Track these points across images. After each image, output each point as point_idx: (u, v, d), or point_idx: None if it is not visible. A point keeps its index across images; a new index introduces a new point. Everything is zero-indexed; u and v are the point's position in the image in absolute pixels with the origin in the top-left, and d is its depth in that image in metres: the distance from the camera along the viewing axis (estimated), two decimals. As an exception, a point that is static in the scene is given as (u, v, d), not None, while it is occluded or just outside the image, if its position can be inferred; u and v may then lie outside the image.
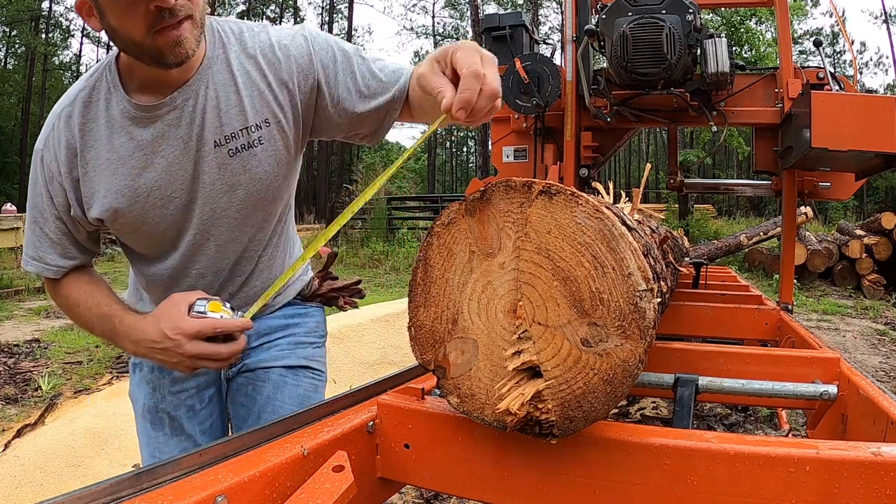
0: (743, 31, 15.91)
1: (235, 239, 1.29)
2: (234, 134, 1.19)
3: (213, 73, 1.17)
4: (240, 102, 1.18)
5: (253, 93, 1.19)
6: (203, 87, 1.17)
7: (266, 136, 1.21)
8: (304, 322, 1.49)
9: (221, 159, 1.20)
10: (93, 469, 3.04)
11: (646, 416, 3.68)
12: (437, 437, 0.94)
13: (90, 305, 1.23)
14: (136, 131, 1.16)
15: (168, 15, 1.00)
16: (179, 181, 1.20)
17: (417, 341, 0.89)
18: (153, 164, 1.18)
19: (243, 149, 1.20)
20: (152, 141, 1.16)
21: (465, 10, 35.18)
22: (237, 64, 1.19)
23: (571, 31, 3.01)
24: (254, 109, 1.20)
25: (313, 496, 0.77)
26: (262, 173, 1.24)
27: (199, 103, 1.16)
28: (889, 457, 0.74)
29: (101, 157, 1.17)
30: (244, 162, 1.21)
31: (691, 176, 5.04)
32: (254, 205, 1.27)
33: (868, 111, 1.93)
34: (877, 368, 4.92)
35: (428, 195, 29.15)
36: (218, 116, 1.18)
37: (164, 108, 1.15)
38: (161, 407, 1.40)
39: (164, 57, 1.05)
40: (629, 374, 0.74)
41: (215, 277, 1.31)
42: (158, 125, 1.16)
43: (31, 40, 29.63)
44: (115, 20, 1.02)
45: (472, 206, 0.83)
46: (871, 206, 28.28)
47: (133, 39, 1.03)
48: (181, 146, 1.17)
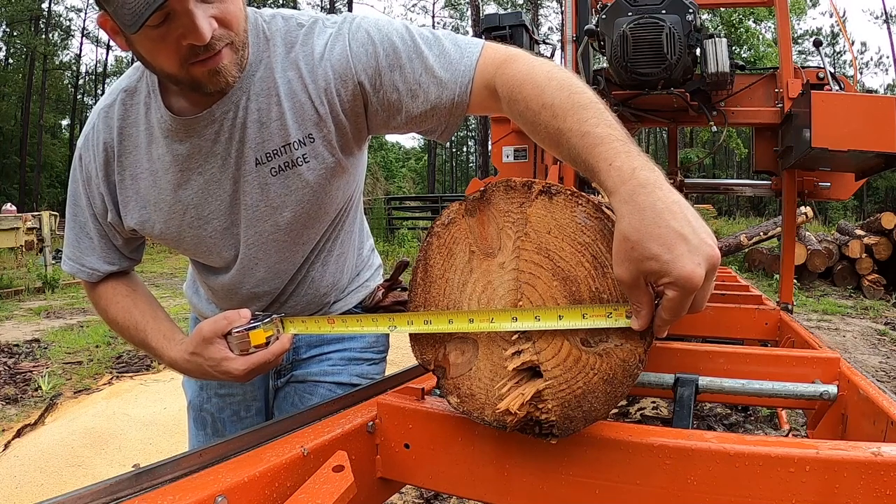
0: (742, 30, 15.91)
1: (287, 259, 1.18)
2: (275, 151, 1.06)
3: (256, 81, 1.04)
4: (281, 116, 1.04)
5: (295, 105, 1.05)
6: (244, 98, 1.04)
7: (311, 153, 1.07)
8: (362, 336, 1.37)
9: (263, 179, 1.07)
10: (93, 469, 3.04)
11: (646, 416, 3.68)
12: (437, 437, 0.94)
13: (128, 326, 1.18)
14: (173, 145, 1.06)
15: (203, 51, 0.90)
16: (217, 202, 1.09)
17: (417, 341, 0.88)
18: (189, 181, 1.08)
19: (287, 167, 1.07)
20: (188, 156, 1.06)
21: (465, 10, 35.21)
22: (280, 71, 1.05)
23: (571, 31, 3.01)
24: (296, 124, 1.05)
25: (313, 496, 0.77)
26: (309, 193, 1.10)
27: (238, 117, 1.04)
28: (889, 457, 0.73)
29: (140, 166, 1.09)
30: (288, 181, 1.08)
31: (691, 176, 5.04)
32: (304, 224, 1.14)
33: (868, 111, 1.93)
34: (877, 368, 4.92)
35: (428, 195, 29.16)
36: (259, 132, 1.05)
37: (201, 122, 1.04)
38: (205, 407, 1.38)
39: (202, 87, 0.95)
40: (629, 373, 0.74)
41: (272, 291, 1.22)
42: (195, 140, 1.05)
43: (31, 40, 29.63)
44: (145, 52, 0.93)
45: (472, 206, 0.83)
46: (871, 206, 28.28)
47: (165, 71, 0.94)
48: (219, 163, 1.07)
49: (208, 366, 1.05)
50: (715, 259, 0.67)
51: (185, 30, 0.86)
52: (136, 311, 1.18)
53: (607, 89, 2.83)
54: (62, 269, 1.25)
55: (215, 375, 1.06)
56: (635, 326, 0.71)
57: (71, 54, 36.38)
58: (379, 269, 1.48)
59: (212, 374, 1.06)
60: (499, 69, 0.98)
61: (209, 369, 1.06)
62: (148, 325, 1.17)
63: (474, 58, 1.02)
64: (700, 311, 0.71)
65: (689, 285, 0.65)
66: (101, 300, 1.22)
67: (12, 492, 2.81)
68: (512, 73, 0.95)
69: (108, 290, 1.21)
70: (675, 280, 0.66)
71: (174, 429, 3.53)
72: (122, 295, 1.21)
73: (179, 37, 0.87)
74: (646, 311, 0.70)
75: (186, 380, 1.41)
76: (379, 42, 1.04)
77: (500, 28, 3.30)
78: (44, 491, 2.82)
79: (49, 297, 8.93)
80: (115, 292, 1.21)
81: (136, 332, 1.17)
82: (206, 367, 1.06)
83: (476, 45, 1.04)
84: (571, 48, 2.97)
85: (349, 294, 1.37)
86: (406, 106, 1.05)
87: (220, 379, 1.07)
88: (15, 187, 29.34)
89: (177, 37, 0.87)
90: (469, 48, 1.03)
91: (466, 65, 1.02)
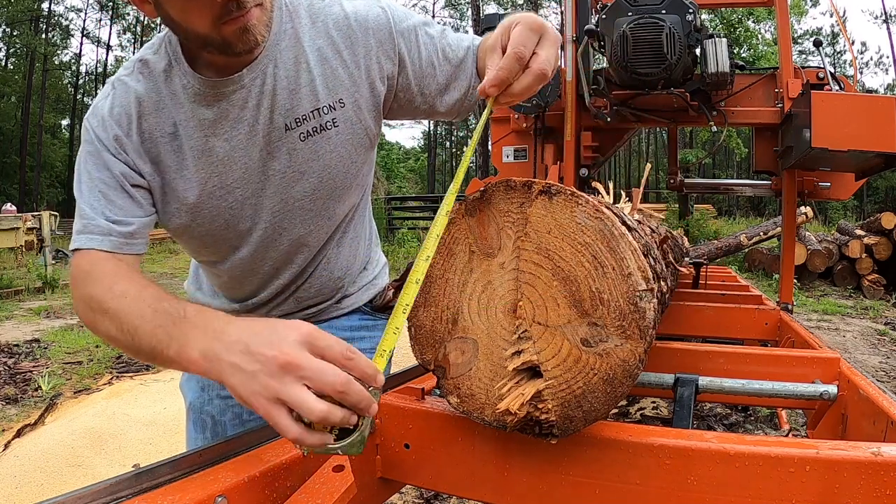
0: (741, 30, 15.91)
1: (311, 232, 1.17)
2: (305, 116, 1.07)
3: (282, 49, 1.06)
4: (311, 81, 1.06)
5: (326, 70, 1.08)
6: (271, 66, 1.05)
7: (341, 117, 1.09)
8: (371, 336, 1.36)
9: (292, 144, 1.08)
10: (93, 469, 3.04)
11: (646, 416, 3.68)
12: (437, 437, 0.94)
13: (144, 296, 0.88)
14: (198, 109, 1.04)
15: (236, 7, 0.91)
16: (242, 169, 1.08)
17: (417, 341, 0.88)
18: (214, 148, 1.05)
19: (315, 132, 1.08)
20: (214, 121, 1.04)
21: (466, 10, 35.21)
22: (308, 39, 1.07)
23: (571, 31, 3.01)
24: (326, 89, 1.08)
25: (313, 496, 0.77)
26: (336, 158, 1.11)
27: (267, 83, 1.05)
28: (889, 457, 0.73)
29: (162, 131, 1.05)
30: (316, 146, 1.09)
31: (691, 176, 5.04)
32: (329, 194, 1.15)
33: (868, 111, 1.93)
34: (877, 368, 4.92)
35: (428, 195, 29.16)
36: (288, 97, 1.06)
37: (230, 86, 1.03)
38: (206, 409, 1.33)
39: (232, 46, 0.95)
40: (629, 373, 0.74)
41: (293, 268, 1.20)
42: (223, 104, 1.04)
43: (31, 40, 29.64)
44: (176, 12, 0.92)
45: (472, 206, 0.83)
46: (871, 206, 28.29)
47: (197, 32, 0.93)
48: (246, 129, 1.06)
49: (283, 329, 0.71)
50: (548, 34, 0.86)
51: None
52: (158, 288, 0.93)
53: (607, 89, 2.83)
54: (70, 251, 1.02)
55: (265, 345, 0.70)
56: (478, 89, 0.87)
57: (71, 54, 36.42)
58: (385, 267, 1.48)
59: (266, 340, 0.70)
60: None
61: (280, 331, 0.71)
62: (177, 300, 0.88)
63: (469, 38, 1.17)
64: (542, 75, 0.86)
65: None
66: (101, 277, 0.96)
67: (12, 492, 2.82)
68: None
69: (121, 271, 0.97)
70: None
71: (174, 429, 3.53)
72: (139, 274, 0.99)
73: None
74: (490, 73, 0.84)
75: (185, 381, 1.38)
76: (414, 18, 1.13)
77: (500, 28, 3.30)
78: (44, 491, 2.82)
79: (49, 297, 8.93)
80: (131, 273, 0.98)
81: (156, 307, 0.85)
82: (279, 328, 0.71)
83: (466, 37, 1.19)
84: (571, 48, 2.97)
85: (360, 290, 1.37)
86: (438, 85, 1.14)
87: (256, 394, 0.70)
88: (15, 187, 29.34)
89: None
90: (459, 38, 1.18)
91: (467, 45, 1.15)
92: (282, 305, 1.28)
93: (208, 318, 0.79)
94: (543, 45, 0.86)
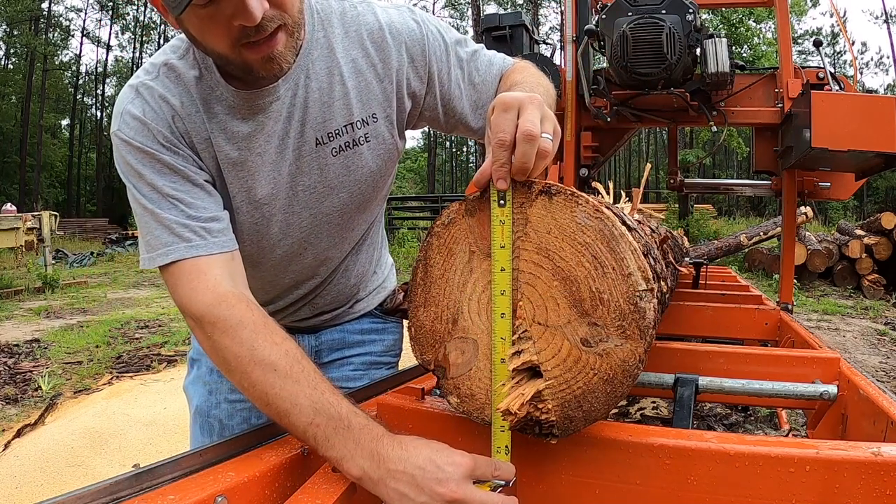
0: (742, 30, 15.90)
1: (336, 245, 1.15)
2: (337, 131, 1.03)
3: (314, 60, 1.00)
4: (345, 95, 1.02)
5: (360, 83, 1.03)
6: (303, 77, 1.00)
7: (373, 132, 1.06)
8: (382, 339, 1.37)
9: (323, 159, 1.04)
10: (93, 469, 3.04)
11: (646, 416, 3.68)
12: (437, 437, 0.94)
13: (296, 377, 0.83)
14: (233, 123, 0.98)
15: (254, 32, 0.85)
16: (271, 185, 1.03)
17: (417, 341, 0.88)
18: (246, 162, 1.00)
19: (347, 147, 1.04)
20: (249, 136, 0.99)
21: (466, 10, 35.21)
22: (341, 50, 1.02)
23: (571, 31, 3.01)
24: (360, 103, 1.03)
25: (313, 496, 0.77)
26: (367, 174, 1.08)
27: (299, 95, 1.00)
28: (889, 457, 0.74)
29: (198, 135, 0.98)
30: (348, 162, 1.05)
31: (691, 176, 5.04)
32: (357, 208, 1.12)
33: (868, 111, 1.93)
34: (877, 368, 4.92)
35: (428, 195, 29.15)
36: (321, 111, 1.01)
37: (267, 98, 0.97)
38: (214, 413, 1.31)
39: (254, 72, 0.90)
40: (629, 373, 0.74)
41: (315, 281, 1.18)
42: (260, 118, 0.98)
43: (31, 40, 29.63)
44: (194, 31, 0.87)
45: (472, 206, 0.83)
46: (871, 206, 28.28)
47: (217, 52, 0.88)
48: (277, 143, 1.01)
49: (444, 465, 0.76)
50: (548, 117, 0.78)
51: (235, 10, 0.81)
52: (311, 368, 0.86)
53: (607, 89, 2.83)
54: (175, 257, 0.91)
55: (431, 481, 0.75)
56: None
57: (71, 54, 36.41)
58: (392, 268, 1.47)
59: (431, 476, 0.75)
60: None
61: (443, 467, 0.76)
62: (340, 400, 0.84)
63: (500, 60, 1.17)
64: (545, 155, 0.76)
65: None
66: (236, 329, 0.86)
67: (12, 492, 2.81)
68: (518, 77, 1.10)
69: (254, 314, 0.88)
70: None
71: (174, 429, 3.53)
72: (280, 331, 0.89)
73: (230, 17, 0.82)
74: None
75: (191, 383, 1.37)
76: (446, 35, 1.10)
77: (500, 28, 3.31)
78: (44, 491, 2.82)
79: (49, 297, 8.93)
80: (266, 321, 0.89)
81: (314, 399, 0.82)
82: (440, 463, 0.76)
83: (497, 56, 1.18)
84: (571, 48, 2.97)
85: (371, 294, 1.36)
86: (463, 105, 1.11)
87: None
88: (15, 187, 29.33)
89: (227, 17, 0.82)
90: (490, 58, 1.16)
91: (499, 63, 1.15)
92: (297, 312, 1.27)
93: (373, 436, 0.80)
94: (524, 114, 0.76)
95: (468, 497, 0.74)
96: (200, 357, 1.34)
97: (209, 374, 1.32)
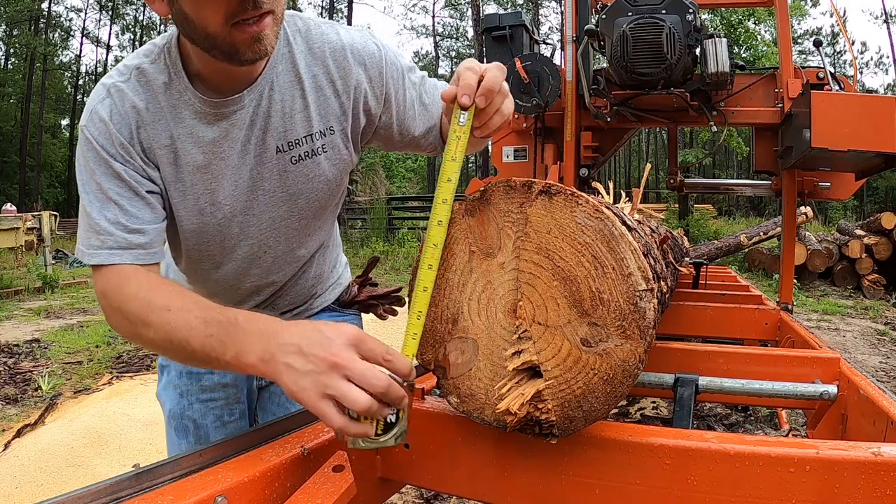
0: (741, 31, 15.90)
1: (293, 249, 1.21)
2: (297, 141, 1.10)
3: (279, 73, 1.07)
4: (306, 108, 1.09)
5: (320, 98, 1.11)
6: (267, 89, 1.07)
7: (329, 143, 1.13)
8: None
9: (283, 166, 1.10)
10: (93, 469, 3.04)
11: (646, 416, 3.68)
12: (437, 437, 0.94)
13: (189, 307, 0.91)
14: (199, 128, 1.04)
15: (251, 6, 0.89)
16: (231, 188, 1.09)
17: (417, 341, 0.88)
18: (210, 166, 1.06)
19: (307, 156, 1.11)
20: (213, 141, 1.05)
21: (466, 10, 35.21)
22: (304, 65, 1.09)
23: (571, 31, 3.01)
24: (319, 116, 1.11)
25: (313, 496, 0.77)
26: (323, 182, 1.15)
27: (262, 105, 1.07)
28: (889, 457, 0.74)
29: (160, 142, 1.03)
30: (307, 170, 1.13)
31: (691, 176, 5.04)
32: (313, 214, 1.19)
33: (868, 111, 1.93)
34: (877, 368, 4.92)
35: (428, 195, 29.12)
36: (283, 121, 1.08)
37: (232, 106, 1.04)
38: (187, 414, 1.34)
39: (240, 53, 0.94)
40: (629, 374, 0.74)
41: (275, 283, 1.24)
42: (224, 124, 1.05)
43: (31, 40, 29.63)
44: (190, 6, 0.89)
45: (472, 206, 0.83)
46: (871, 206, 28.26)
47: (207, 30, 0.91)
48: (239, 149, 1.07)
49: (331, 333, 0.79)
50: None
51: None
52: (195, 294, 0.96)
53: (607, 89, 2.83)
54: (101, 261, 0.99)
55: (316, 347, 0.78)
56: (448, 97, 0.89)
57: (71, 54, 36.41)
58: (347, 266, 1.54)
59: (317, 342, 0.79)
60: None
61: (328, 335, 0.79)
62: (227, 308, 0.91)
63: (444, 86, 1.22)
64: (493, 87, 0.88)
65: None
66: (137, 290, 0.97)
67: (12, 492, 2.82)
68: None
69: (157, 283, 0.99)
70: None
71: (174, 429, 3.53)
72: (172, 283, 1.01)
73: None
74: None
75: (163, 389, 1.40)
76: (402, 61, 1.19)
77: (500, 28, 3.31)
78: (44, 491, 2.82)
79: (49, 297, 8.93)
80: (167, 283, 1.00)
81: (206, 315, 0.89)
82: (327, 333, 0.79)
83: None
84: (571, 48, 2.98)
85: (328, 290, 1.42)
86: (416, 128, 1.20)
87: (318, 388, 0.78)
88: (15, 187, 29.33)
89: None
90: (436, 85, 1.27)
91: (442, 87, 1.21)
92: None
93: (261, 322, 0.86)
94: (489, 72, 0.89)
95: (348, 362, 0.76)
96: (169, 363, 1.38)
97: (179, 377, 1.36)
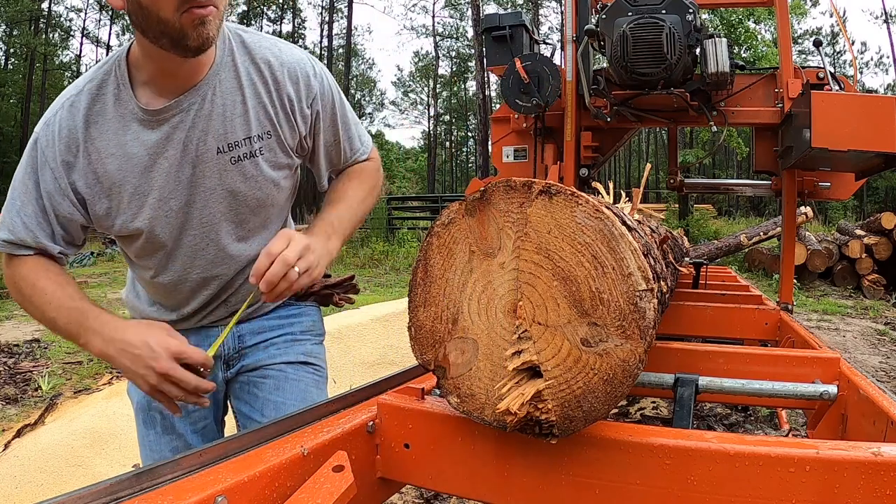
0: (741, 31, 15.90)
1: (234, 243, 1.30)
2: (237, 142, 1.21)
3: (222, 79, 1.19)
4: (245, 112, 1.21)
5: (257, 104, 1.22)
6: (210, 93, 1.18)
7: (266, 146, 1.25)
8: (300, 321, 1.50)
9: (223, 165, 1.22)
10: (93, 469, 3.04)
11: (646, 416, 3.68)
12: (437, 437, 0.94)
13: (59, 296, 1.17)
14: (144, 133, 1.17)
15: None
16: (175, 182, 1.20)
17: (417, 341, 0.89)
18: (156, 165, 1.19)
19: (245, 157, 1.23)
20: (157, 143, 1.18)
21: (466, 10, 35.20)
22: (244, 73, 1.21)
23: (571, 31, 3.00)
24: (257, 120, 1.22)
25: (313, 496, 0.77)
26: (262, 181, 1.27)
27: (204, 108, 1.18)
28: (889, 457, 0.74)
29: (109, 150, 1.17)
30: (245, 171, 1.24)
31: (691, 176, 5.04)
32: (253, 211, 1.30)
33: (868, 111, 1.93)
34: (877, 368, 4.92)
35: (428, 195, 29.16)
36: (223, 124, 1.19)
37: (170, 112, 1.16)
38: (153, 405, 1.40)
39: (187, 37, 1.04)
40: (629, 373, 0.74)
41: (220, 276, 1.33)
42: (165, 128, 1.17)
43: (31, 40, 29.62)
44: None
45: (472, 206, 0.83)
46: (871, 206, 28.26)
47: (160, 15, 1.02)
48: (181, 148, 1.19)
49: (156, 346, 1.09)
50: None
51: None
52: (72, 289, 1.20)
53: (607, 89, 2.83)
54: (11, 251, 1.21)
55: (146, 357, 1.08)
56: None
57: (71, 55, 36.38)
58: None
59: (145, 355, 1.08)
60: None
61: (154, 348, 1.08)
62: (85, 302, 1.18)
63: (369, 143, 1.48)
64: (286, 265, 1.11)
65: None
66: (26, 273, 1.20)
67: (12, 492, 2.82)
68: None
69: (40, 268, 1.21)
70: None
71: (174, 429, 3.52)
72: (56, 273, 1.21)
73: None
74: None
75: (131, 384, 1.43)
76: (339, 96, 1.35)
77: (500, 28, 3.30)
78: (44, 491, 2.82)
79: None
80: (48, 271, 1.21)
81: (69, 305, 1.16)
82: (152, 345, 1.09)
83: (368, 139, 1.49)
84: (571, 48, 2.97)
85: None
86: (328, 156, 1.38)
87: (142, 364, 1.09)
88: (15, 187, 29.31)
89: None
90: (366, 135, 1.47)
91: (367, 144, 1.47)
92: (214, 312, 1.38)
93: (102, 324, 1.14)
94: (291, 246, 1.11)
95: (172, 371, 1.08)
96: None
97: None
